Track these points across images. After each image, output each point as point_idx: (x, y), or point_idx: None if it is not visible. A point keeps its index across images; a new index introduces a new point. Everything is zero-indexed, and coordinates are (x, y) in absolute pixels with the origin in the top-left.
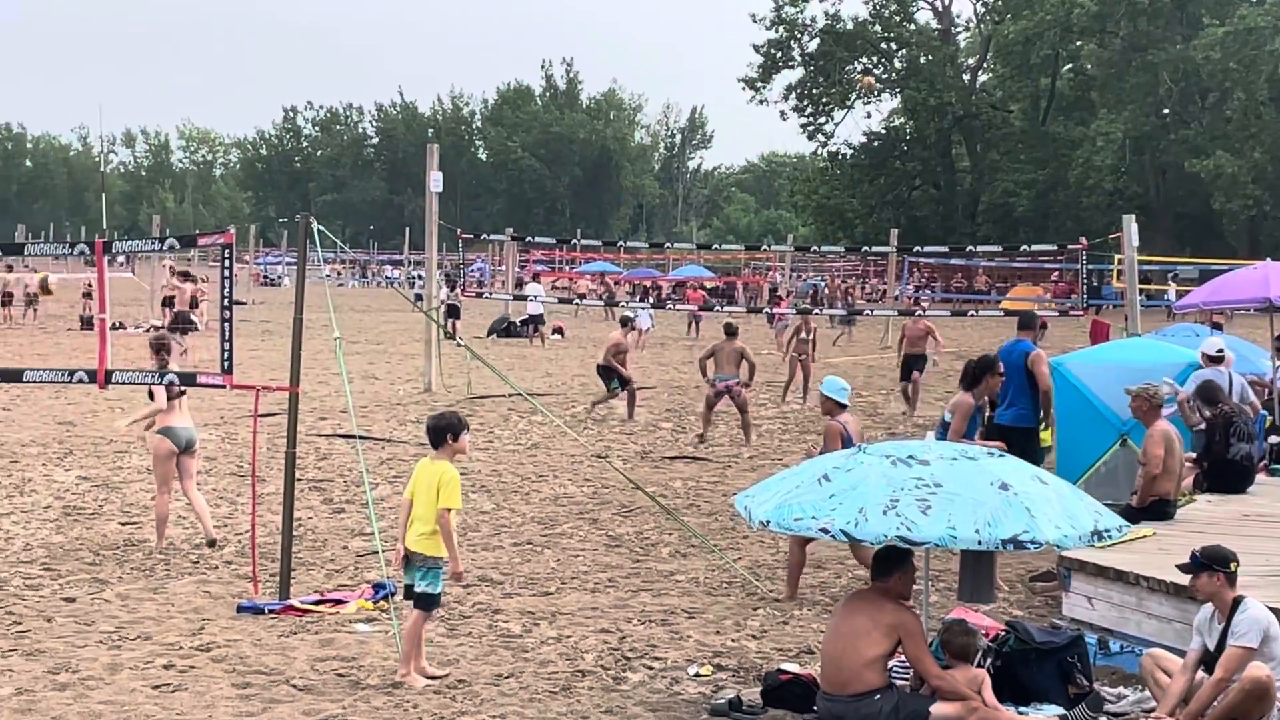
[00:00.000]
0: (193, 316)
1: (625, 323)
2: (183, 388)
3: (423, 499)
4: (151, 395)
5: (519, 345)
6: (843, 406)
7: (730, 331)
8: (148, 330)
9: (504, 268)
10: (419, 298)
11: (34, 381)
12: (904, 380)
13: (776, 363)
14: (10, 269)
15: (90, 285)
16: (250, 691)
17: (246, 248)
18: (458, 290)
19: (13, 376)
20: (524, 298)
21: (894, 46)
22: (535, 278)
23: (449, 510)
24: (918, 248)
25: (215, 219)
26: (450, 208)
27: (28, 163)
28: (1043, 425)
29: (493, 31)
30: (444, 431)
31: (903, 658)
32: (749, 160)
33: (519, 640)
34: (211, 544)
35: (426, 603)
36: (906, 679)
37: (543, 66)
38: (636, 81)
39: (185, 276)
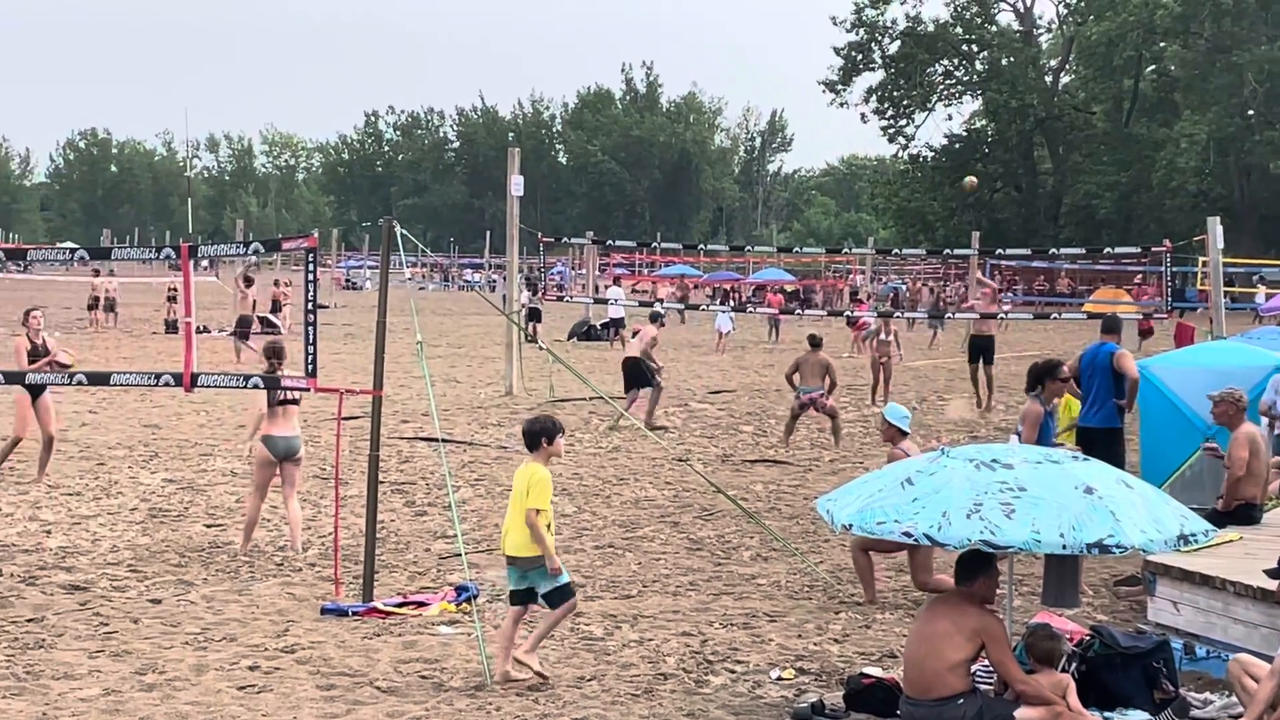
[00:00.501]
0: (274, 319)
1: (655, 318)
2: (294, 397)
3: (516, 503)
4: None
5: (599, 348)
6: (904, 434)
7: (815, 343)
8: (231, 334)
9: (584, 271)
10: (502, 300)
11: (121, 385)
12: (972, 363)
13: (857, 366)
14: (97, 273)
15: (174, 289)
16: (334, 693)
17: (329, 251)
18: (539, 293)
19: (100, 379)
20: (604, 301)
21: (975, 48)
22: (615, 281)
23: (536, 510)
24: (999, 250)
25: (298, 223)
26: (531, 211)
27: (113, 168)
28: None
29: (573, 35)
30: (539, 435)
31: (986, 662)
32: (829, 163)
33: (601, 643)
34: (295, 552)
35: (561, 596)
36: (990, 683)
37: (623, 70)
38: (716, 85)
39: (248, 282)
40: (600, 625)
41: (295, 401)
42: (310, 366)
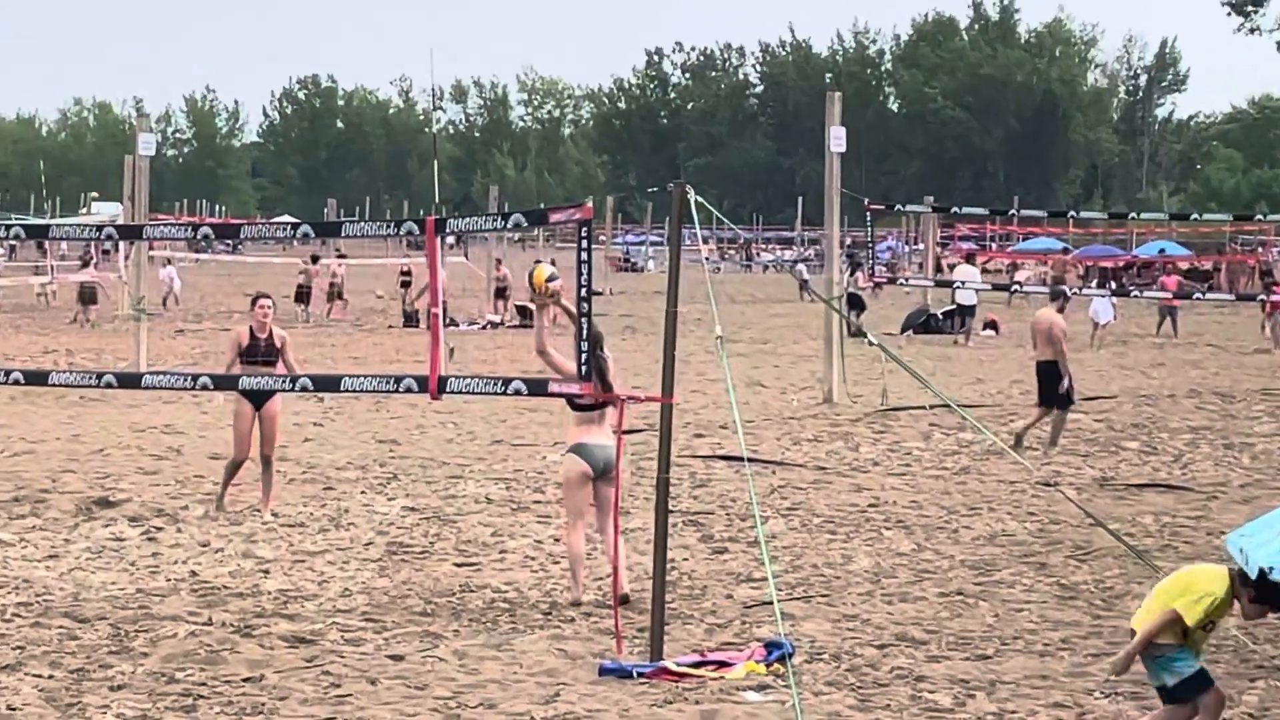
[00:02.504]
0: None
1: (1056, 296)
2: (603, 400)
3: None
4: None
5: (941, 344)
6: None
7: None
8: (484, 328)
9: (922, 246)
10: (805, 283)
11: (352, 391)
12: None
13: (1276, 364)
14: (316, 258)
15: (407, 271)
16: None
17: (603, 225)
18: (859, 275)
19: (329, 384)
20: (949, 284)
21: None
22: (968, 258)
23: (1173, 611)
24: None
25: (564, 190)
26: (854, 171)
27: (339, 124)
28: None
29: None
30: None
31: None
32: (1235, 106)
33: (950, 715)
34: (625, 600)
35: (1167, 694)
36: None
37: None
38: (1089, 9)
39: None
40: (949, 693)
41: (606, 404)
42: (584, 368)
